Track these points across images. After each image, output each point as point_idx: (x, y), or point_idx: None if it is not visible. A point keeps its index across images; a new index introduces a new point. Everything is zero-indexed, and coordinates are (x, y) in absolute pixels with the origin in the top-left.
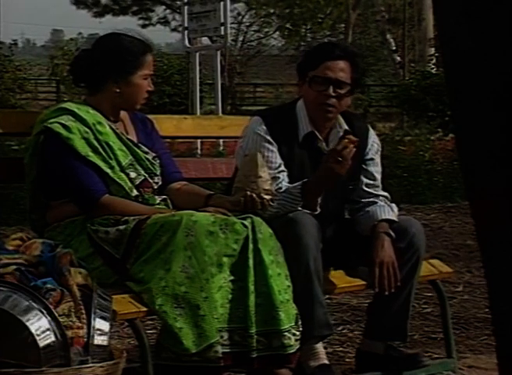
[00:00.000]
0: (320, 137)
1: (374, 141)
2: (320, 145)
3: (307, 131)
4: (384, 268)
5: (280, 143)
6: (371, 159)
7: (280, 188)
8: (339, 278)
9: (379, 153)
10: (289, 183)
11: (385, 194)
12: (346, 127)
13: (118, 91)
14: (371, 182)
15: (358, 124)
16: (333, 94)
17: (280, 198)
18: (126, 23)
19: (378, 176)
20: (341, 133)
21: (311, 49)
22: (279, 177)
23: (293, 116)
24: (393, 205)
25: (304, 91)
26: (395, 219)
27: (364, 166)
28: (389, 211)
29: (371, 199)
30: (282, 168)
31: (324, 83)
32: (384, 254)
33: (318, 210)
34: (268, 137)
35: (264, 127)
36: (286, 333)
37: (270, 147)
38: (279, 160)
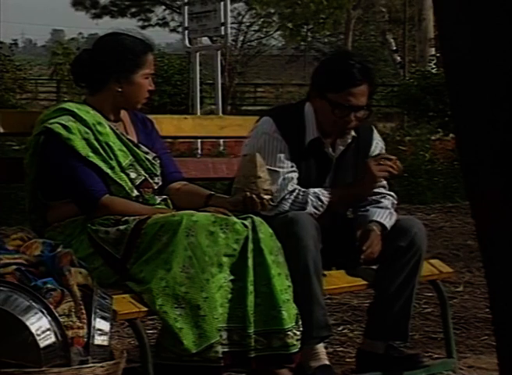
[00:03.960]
0: (326, 143)
1: (377, 143)
2: (326, 150)
3: (313, 137)
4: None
5: (289, 144)
6: None
7: (294, 190)
8: (339, 278)
9: (383, 152)
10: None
11: (391, 193)
12: (354, 134)
13: (120, 90)
14: None
15: (363, 125)
16: (353, 119)
17: (305, 200)
18: (125, 25)
19: None
20: (349, 140)
21: (332, 69)
22: (292, 178)
23: (302, 120)
24: (395, 215)
25: (319, 105)
26: (387, 225)
27: None
28: (386, 217)
29: (377, 198)
30: (295, 168)
31: (346, 110)
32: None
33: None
34: (280, 137)
35: (275, 128)
36: (288, 333)
37: (282, 148)
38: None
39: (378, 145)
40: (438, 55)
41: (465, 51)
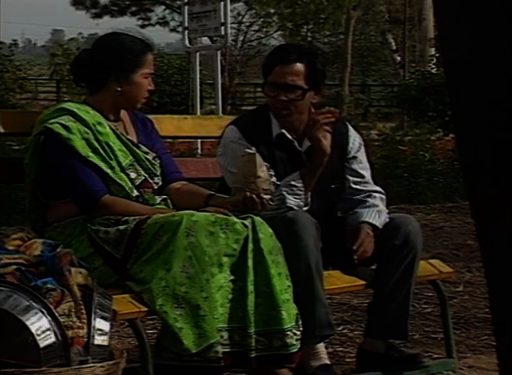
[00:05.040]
0: (290, 137)
1: (355, 139)
2: (293, 145)
3: (276, 133)
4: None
5: (257, 146)
6: (354, 157)
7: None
8: (339, 278)
9: (362, 149)
10: None
11: (378, 189)
12: None
13: (119, 89)
14: (358, 179)
15: (337, 124)
16: (285, 99)
17: (279, 194)
18: (125, 25)
19: (365, 173)
20: None
21: (269, 54)
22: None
23: (267, 119)
24: (385, 211)
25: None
26: (376, 224)
27: (347, 165)
28: (374, 216)
29: (363, 197)
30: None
31: (274, 88)
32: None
33: (308, 204)
34: (245, 143)
35: (240, 134)
36: (288, 333)
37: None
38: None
39: (355, 141)
40: (438, 55)
41: (465, 51)
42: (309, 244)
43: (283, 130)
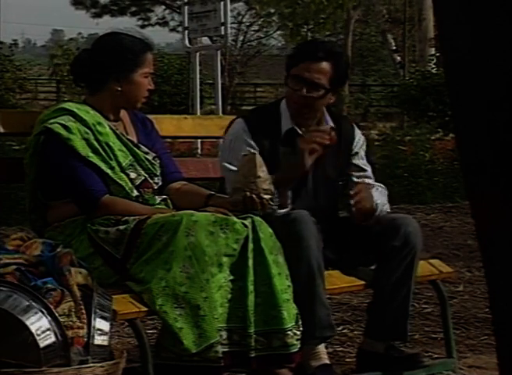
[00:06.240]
0: (300, 132)
1: (360, 138)
2: None
3: (287, 127)
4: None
5: (263, 141)
6: (356, 153)
7: None
8: (339, 278)
9: (364, 147)
10: None
11: (381, 184)
12: (332, 124)
13: (119, 89)
14: (361, 173)
15: (345, 124)
16: (306, 95)
17: None
18: (124, 24)
19: (367, 168)
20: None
21: (297, 47)
22: None
23: (277, 114)
24: (383, 190)
25: (286, 88)
26: (378, 201)
27: (350, 161)
28: (375, 191)
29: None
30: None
31: (299, 82)
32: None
33: (289, 207)
34: (250, 141)
35: (246, 129)
36: (288, 333)
37: (251, 150)
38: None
39: (360, 139)
40: (438, 55)
41: (465, 51)
42: (311, 244)
43: (295, 126)
